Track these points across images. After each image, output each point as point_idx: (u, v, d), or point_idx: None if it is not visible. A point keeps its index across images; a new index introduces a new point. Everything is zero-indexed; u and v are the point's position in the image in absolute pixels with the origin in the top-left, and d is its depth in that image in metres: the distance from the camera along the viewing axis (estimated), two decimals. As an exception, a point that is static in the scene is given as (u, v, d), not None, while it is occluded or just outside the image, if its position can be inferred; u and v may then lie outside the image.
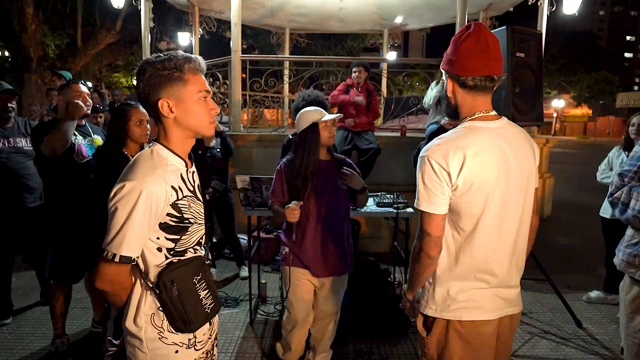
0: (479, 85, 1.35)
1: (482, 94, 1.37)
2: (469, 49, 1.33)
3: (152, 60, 1.22)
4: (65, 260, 2.65)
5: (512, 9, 7.33)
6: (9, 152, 2.99)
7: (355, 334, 3.01)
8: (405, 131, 5.34)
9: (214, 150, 3.83)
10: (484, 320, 1.40)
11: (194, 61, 1.23)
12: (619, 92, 23.37)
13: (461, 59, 1.35)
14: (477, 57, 1.33)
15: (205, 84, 1.26)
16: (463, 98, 1.39)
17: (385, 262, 3.74)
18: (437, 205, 1.35)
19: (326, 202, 2.27)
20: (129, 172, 1.18)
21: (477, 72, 1.34)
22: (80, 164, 2.60)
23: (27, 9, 9.76)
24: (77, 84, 2.62)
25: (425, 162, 1.34)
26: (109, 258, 1.15)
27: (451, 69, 1.38)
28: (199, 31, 7.54)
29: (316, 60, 7.25)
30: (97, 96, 7.22)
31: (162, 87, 1.20)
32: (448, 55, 1.40)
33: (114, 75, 19.84)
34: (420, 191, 1.37)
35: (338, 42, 15.74)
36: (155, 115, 1.25)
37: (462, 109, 1.41)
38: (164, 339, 1.26)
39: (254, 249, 3.51)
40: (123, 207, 1.13)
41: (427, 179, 1.34)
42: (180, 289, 1.23)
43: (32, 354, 2.78)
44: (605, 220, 3.57)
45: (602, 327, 3.27)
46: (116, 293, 1.24)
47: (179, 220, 1.24)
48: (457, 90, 1.40)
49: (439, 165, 1.31)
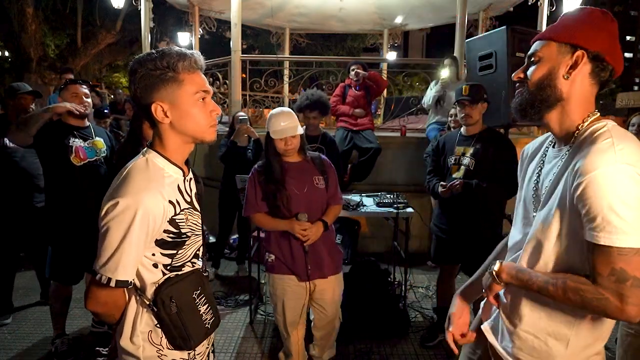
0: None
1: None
2: (615, 33, 1.06)
3: (143, 59, 1.09)
4: (65, 261, 2.64)
5: (512, 9, 7.34)
6: (23, 152, 3.04)
7: (355, 334, 3.01)
8: (405, 131, 5.34)
9: (247, 152, 3.89)
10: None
11: (189, 58, 1.10)
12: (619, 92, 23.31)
13: (612, 41, 1.06)
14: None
15: (203, 83, 1.13)
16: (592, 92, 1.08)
17: (385, 262, 3.74)
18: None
19: (304, 203, 2.22)
20: (122, 187, 1.06)
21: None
22: (78, 167, 2.59)
23: (27, 9, 9.76)
24: (75, 85, 2.61)
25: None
26: (103, 282, 1.05)
27: (584, 41, 1.03)
28: (199, 31, 7.54)
29: (316, 60, 7.26)
30: (96, 96, 7.24)
31: (154, 89, 1.08)
32: (575, 24, 1.06)
33: (114, 75, 19.83)
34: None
35: (338, 42, 15.73)
36: (149, 120, 1.14)
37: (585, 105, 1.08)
38: (163, 356, 1.18)
39: (254, 249, 3.51)
40: (117, 227, 1.03)
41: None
42: (179, 306, 1.15)
43: (32, 354, 2.78)
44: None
45: (602, 327, 3.26)
46: (109, 313, 1.16)
47: (176, 236, 1.15)
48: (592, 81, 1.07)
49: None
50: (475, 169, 2.61)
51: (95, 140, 2.72)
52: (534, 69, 1.09)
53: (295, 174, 2.24)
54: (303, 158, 2.30)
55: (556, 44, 1.06)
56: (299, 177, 2.24)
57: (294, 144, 2.18)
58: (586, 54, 1.03)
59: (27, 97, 3.04)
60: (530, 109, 1.10)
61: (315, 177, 2.27)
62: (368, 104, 4.57)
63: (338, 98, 4.50)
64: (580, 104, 1.06)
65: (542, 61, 1.08)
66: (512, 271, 1.10)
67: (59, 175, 2.59)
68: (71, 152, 2.56)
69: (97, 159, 2.69)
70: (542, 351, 1.10)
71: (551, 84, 1.06)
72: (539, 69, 1.08)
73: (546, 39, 1.08)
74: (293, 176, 2.23)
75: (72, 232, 2.61)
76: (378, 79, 4.55)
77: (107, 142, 2.81)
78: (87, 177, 2.63)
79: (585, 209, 0.94)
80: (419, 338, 3.02)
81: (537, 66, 1.09)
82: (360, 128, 4.47)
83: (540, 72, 1.08)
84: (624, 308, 0.91)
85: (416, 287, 3.89)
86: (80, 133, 2.65)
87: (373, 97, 4.68)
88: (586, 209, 0.94)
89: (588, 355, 1.09)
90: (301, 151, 2.28)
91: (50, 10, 11.46)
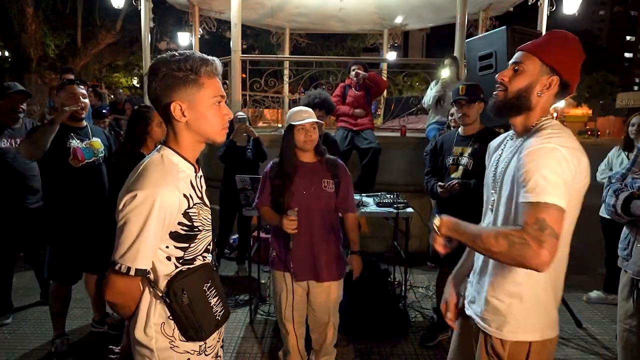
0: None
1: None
2: (580, 66, 1.28)
3: (167, 60, 1.15)
4: (63, 261, 2.65)
5: (512, 9, 7.33)
6: (15, 153, 3.01)
7: (356, 334, 3.01)
8: (406, 131, 5.35)
9: (247, 151, 3.90)
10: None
11: (212, 64, 1.18)
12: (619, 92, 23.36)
13: (578, 72, 1.28)
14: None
15: (220, 89, 1.20)
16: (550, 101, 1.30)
17: (385, 262, 3.74)
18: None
19: (308, 205, 2.22)
20: (139, 180, 1.12)
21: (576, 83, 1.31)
22: (76, 168, 2.59)
23: (27, 9, 9.74)
24: (72, 85, 2.60)
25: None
26: (122, 271, 1.10)
27: (561, 70, 1.25)
28: (199, 31, 7.53)
29: (316, 60, 7.27)
30: (95, 96, 7.24)
31: (175, 89, 1.15)
32: (559, 52, 1.26)
33: (114, 75, 19.84)
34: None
35: (338, 42, 15.71)
36: (165, 118, 1.21)
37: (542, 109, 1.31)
38: (175, 347, 1.23)
39: (254, 249, 3.51)
40: (136, 218, 1.09)
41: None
42: (190, 297, 1.20)
43: (32, 354, 2.78)
44: (605, 220, 3.57)
45: (602, 327, 3.27)
46: (126, 305, 1.21)
47: (189, 229, 1.20)
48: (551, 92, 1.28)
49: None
50: (473, 169, 2.61)
51: (93, 140, 2.71)
52: (517, 79, 1.28)
53: (305, 174, 2.25)
54: (317, 159, 2.31)
55: (540, 62, 1.26)
56: (309, 177, 2.26)
57: (313, 137, 2.21)
58: (559, 80, 1.26)
59: (15, 96, 3.00)
60: (504, 111, 1.32)
61: (325, 180, 2.27)
62: (368, 104, 4.57)
63: (338, 98, 4.50)
64: (541, 112, 1.30)
65: (525, 73, 1.27)
66: (450, 225, 1.31)
67: (57, 176, 2.59)
68: (69, 154, 2.56)
69: (95, 159, 2.69)
70: (501, 309, 1.32)
71: (527, 97, 1.28)
72: (521, 79, 1.27)
73: (533, 54, 1.27)
74: (302, 176, 2.25)
75: (70, 232, 2.61)
76: (378, 80, 4.56)
77: (105, 141, 2.81)
78: (85, 178, 2.63)
79: (522, 176, 1.18)
80: (419, 338, 3.02)
81: (520, 76, 1.28)
82: (360, 128, 4.48)
83: (522, 83, 1.27)
84: (539, 252, 1.09)
85: (416, 287, 3.89)
86: (78, 133, 2.65)
87: (373, 98, 4.68)
88: (522, 177, 1.18)
89: (544, 304, 1.30)
90: (317, 153, 2.30)
91: (50, 10, 11.43)
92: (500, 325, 1.32)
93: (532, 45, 1.28)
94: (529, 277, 1.27)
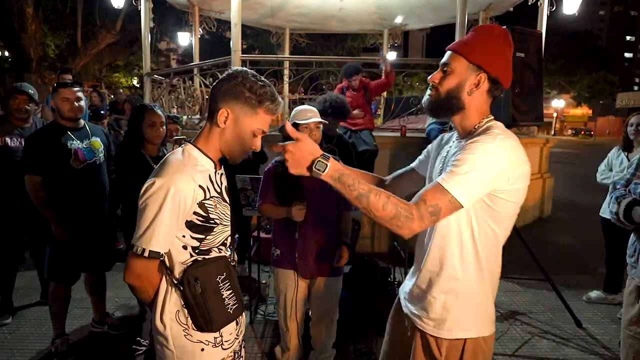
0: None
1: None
2: (510, 58, 1.29)
3: (248, 76, 1.24)
4: (63, 262, 2.65)
5: (512, 9, 7.33)
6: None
7: (355, 334, 3.01)
8: (405, 131, 5.35)
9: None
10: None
11: (276, 105, 1.27)
12: (619, 92, 23.35)
13: (507, 65, 1.28)
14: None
15: (267, 126, 1.29)
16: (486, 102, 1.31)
17: (385, 262, 3.74)
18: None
19: (315, 202, 2.26)
20: (160, 170, 1.21)
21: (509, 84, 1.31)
22: (77, 169, 2.59)
23: (27, 9, 9.74)
24: (65, 89, 2.58)
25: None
26: (138, 253, 1.18)
27: (487, 66, 1.25)
28: (199, 31, 7.54)
29: (316, 60, 7.25)
30: (97, 96, 7.23)
31: (235, 100, 1.23)
32: (484, 48, 1.26)
33: (114, 75, 19.86)
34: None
35: (338, 42, 15.73)
36: (210, 115, 1.28)
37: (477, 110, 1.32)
38: (189, 336, 1.28)
39: (254, 249, 3.51)
40: (153, 203, 1.17)
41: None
42: (203, 287, 1.25)
43: (32, 354, 2.78)
44: (605, 220, 3.56)
45: (602, 327, 3.27)
46: (144, 289, 1.27)
47: (205, 220, 1.26)
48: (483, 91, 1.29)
49: None
50: None
51: (93, 140, 2.72)
52: (446, 79, 1.28)
53: None
54: None
55: (466, 61, 1.25)
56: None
57: (316, 136, 2.26)
58: (487, 77, 1.25)
59: (19, 97, 3.01)
60: (439, 111, 1.33)
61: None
62: (367, 103, 4.58)
63: None
64: (477, 112, 1.30)
65: (453, 73, 1.27)
66: (337, 169, 1.18)
67: (58, 177, 2.58)
68: (70, 156, 2.56)
69: (96, 159, 2.70)
70: (437, 306, 1.31)
71: (457, 96, 1.27)
72: (450, 79, 1.27)
73: (459, 54, 1.26)
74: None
75: (70, 232, 2.61)
76: (382, 87, 4.68)
77: (104, 140, 2.82)
78: (86, 179, 2.64)
79: (453, 161, 1.18)
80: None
81: (448, 77, 1.27)
82: (359, 127, 4.48)
83: (451, 83, 1.27)
84: (415, 228, 1.14)
85: (416, 287, 3.88)
86: (77, 134, 2.65)
87: (378, 93, 4.72)
88: (453, 162, 1.18)
89: (479, 301, 1.30)
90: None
91: (50, 10, 11.43)
92: (437, 324, 1.31)
93: (458, 45, 1.29)
94: (466, 274, 1.28)
